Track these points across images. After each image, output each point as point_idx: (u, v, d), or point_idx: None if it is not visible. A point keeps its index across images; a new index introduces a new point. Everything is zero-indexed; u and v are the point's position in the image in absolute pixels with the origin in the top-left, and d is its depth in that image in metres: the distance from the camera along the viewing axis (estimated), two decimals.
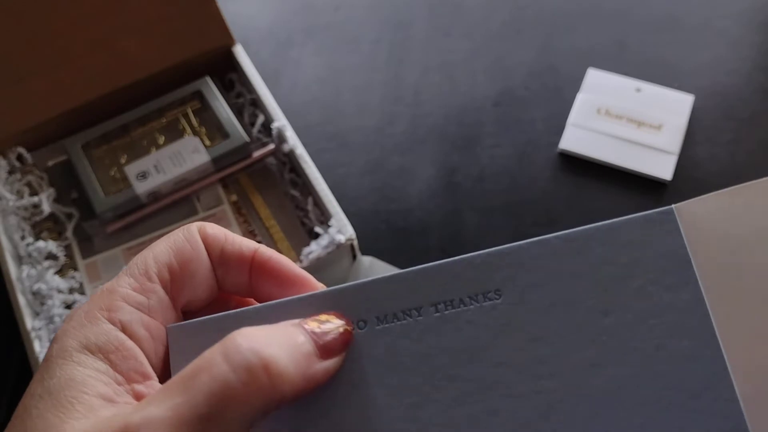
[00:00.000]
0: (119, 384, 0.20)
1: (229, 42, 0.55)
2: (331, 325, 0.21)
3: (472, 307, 0.19)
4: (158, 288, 0.22)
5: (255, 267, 0.23)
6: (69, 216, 0.51)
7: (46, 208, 0.50)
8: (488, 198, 0.53)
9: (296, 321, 0.21)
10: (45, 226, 0.50)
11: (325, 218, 0.48)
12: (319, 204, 0.49)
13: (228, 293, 0.25)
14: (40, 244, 0.48)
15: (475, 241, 0.51)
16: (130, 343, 0.21)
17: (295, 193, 0.51)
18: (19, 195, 0.51)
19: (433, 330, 0.19)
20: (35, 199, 0.50)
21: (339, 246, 0.45)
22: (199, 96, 0.54)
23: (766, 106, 0.56)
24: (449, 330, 0.19)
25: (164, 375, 0.22)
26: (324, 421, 0.19)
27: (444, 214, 0.53)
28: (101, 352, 0.20)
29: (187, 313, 0.24)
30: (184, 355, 0.21)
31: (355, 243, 0.47)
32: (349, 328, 0.21)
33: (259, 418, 0.19)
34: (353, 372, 0.20)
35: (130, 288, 0.22)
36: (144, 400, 0.19)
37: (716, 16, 0.61)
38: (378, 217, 0.53)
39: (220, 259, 0.23)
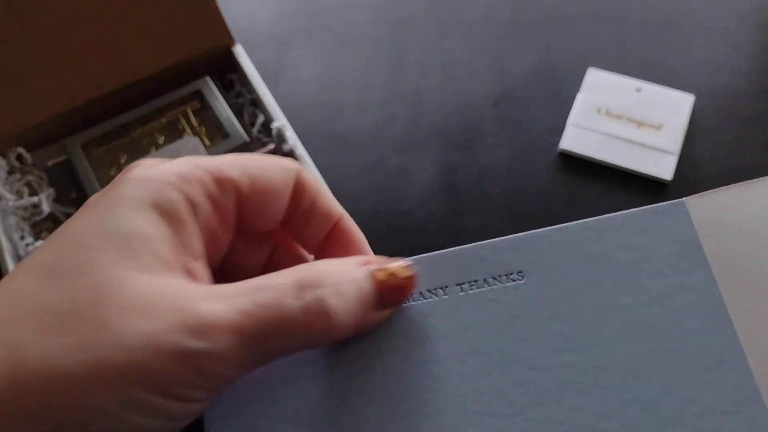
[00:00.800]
0: (180, 254, 0.20)
1: (229, 42, 0.55)
2: (396, 278, 0.21)
3: (495, 287, 0.20)
4: (232, 193, 0.22)
5: (334, 231, 0.24)
6: (69, 216, 0.51)
7: (46, 208, 0.50)
8: (488, 198, 0.53)
9: (367, 266, 0.21)
10: (45, 226, 0.50)
11: None
12: None
13: (289, 240, 0.25)
14: (40, 244, 0.48)
15: (475, 241, 0.51)
16: (194, 220, 0.20)
17: None
18: (19, 195, 0.51)
19: (458, 307, 0.20)
20: (35, 199, 0.50)
21: None
22: (199, 96, 0.54)
23: (766, 107, 0.56)
24: (473, 308, 0.20)
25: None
26: (346, 391, 0.20)
27: (444, 214, 0.53)
28: (169, 217, 0.20)
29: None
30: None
31: None
32: (412, 281, 0.21)
33: (309, 348, 0.20)
34: (381, 346, 0.20)
35: (210, 173, 0.21)
36: (210, 288, 0.19)
37: (717, 16, 0.61)
38: (378, 217, 0.53)
39: (309, 209, 0.23)
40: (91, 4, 0.50)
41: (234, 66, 0.56)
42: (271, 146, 0.52)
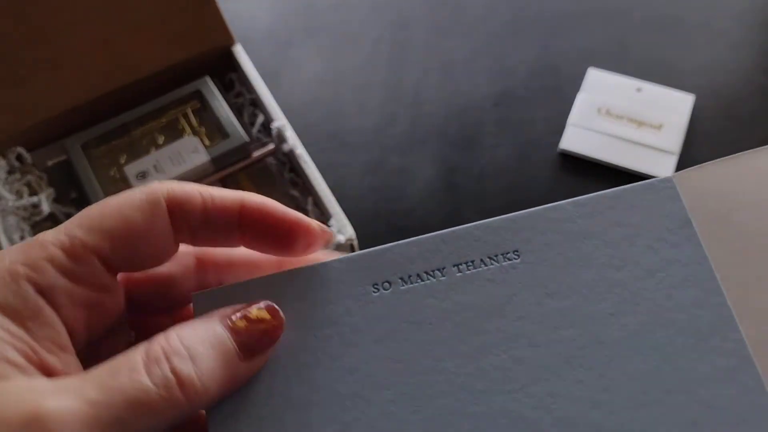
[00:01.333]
0: (33, 352, 0.18)
1: (229, 42, 0.55)
2: (260, 325, 0.20)
3: (492, 266, 0.21)
4: (92, 259, 0.20)
5: (245, 220, 0.22)
6: (68, 216, 0.51)
7: (46, 208, 0.50)
8: (488, 198, 0.53)
9: (224, 319, 0.20)
10: (44, 226, 0.50)
11: (325, 218, 0.48)
12: (319, 204, 0.49)
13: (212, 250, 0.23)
14: None
15: None
16: (49, 310, 0.19)
17: (295, 193, 0.51)
18: (19, 195, 0.51)
19: (456, 288, 0.21)
20: (35, 199, 0.50)
21: (339, 246, 0.45)
22: (198, 96, 0.54)
23: (766, 107, 0.56)
24: (471, 288, 0.21)
25: (85, 344, 0.21)
26: (350, 377, 0.20)
27: (444, 214, 0.53)
28: (17, 315, 0.19)
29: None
30: None
31: (356, 243, 0.46)
32: (277, 323, 0.21)
33: (177, 424, 0.19)
34: (380, 330, 0.20)
35: (61, 248, 0.20)
36: (60, 382, 0.18)
37: (717, 16, 0.61)
38: (378, 217, 0.53)
39: (203, 221, 0.21)
40: (91, 4, 0.50)
41: (234, 66, 0.56)
42: (271, 146, 0.52)
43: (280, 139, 0.51)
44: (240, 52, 0.55)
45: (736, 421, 0.18)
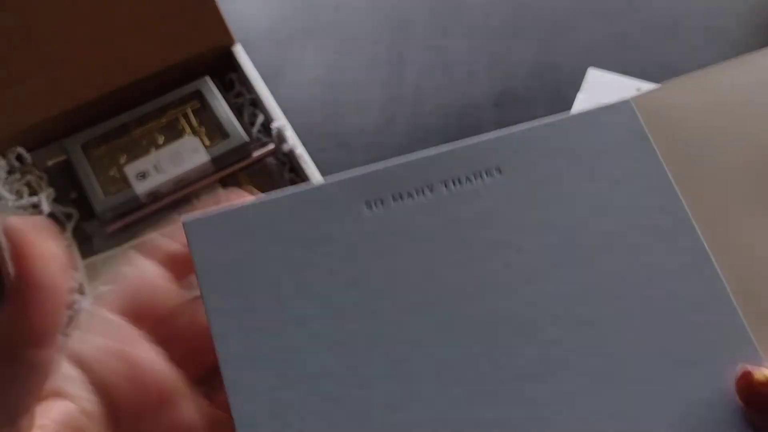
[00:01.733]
0: None
1: (229, 41, 0.55)
2: None
3: (477, 182, 0.22)
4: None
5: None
6: (68, 216, 0.51)
7: (46, 208, 0.50)
8: None
9: None
10: None
11: None
12: None
13: None
14: None
15: None
16: None
17: None
18: (19, 195, 0.51)
19: (445, 203, 0.22)
20: (34, 199, 0.50)
21: None
22: (198, 96, 0.54)
23: None
24: (459, 202, 0.22)
25: None
26: (352, 291, 0.21)
27: None
28: None
29: None
30: (207, 252, 0.21)
31: None
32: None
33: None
34: (376, 245, 0.22)
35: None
36: None
37: (717, 16, 0.61)
38: None
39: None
40: (91, 4, 0.50)
41: (234, 66, 0.56)
42: (271, 146, 0.52)
43: (280, 139, 0.51)
44: (240, 52, 0.55)
45: (697, 309, 0.21)
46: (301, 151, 0.50)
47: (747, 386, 0.18)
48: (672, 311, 0.21)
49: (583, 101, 0.56)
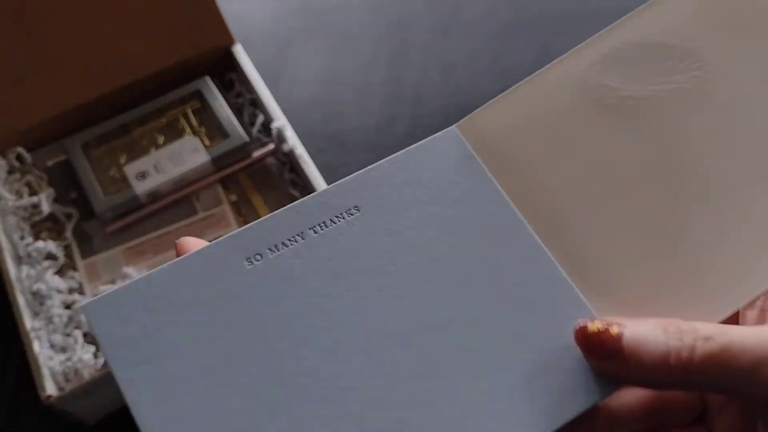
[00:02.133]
0: None
1: (229, 41, 0.55)
2: None
3: (340, 222, 0.26)
4: None
5: None
6: (68, 216, 0.51)
7: (46, 208, 0.50)
8: None
9: None
10: (44, 226, 0.50)
11: None
12: None
13: None
14: (40, 244, 0.48)
15: None
16: None
17: (295, 193, 0.51)
18: (19, 195, 0.51)
19: (316, 246, 0.25)
20: (34, 199, 0.50)
21: None
22: (198, 96, 0.54)
23: None
24: (328, 242, 0.25)
25: None
26: (248, 338, 0.24)
27: None
28: None
29: None
30: (109, 329, 0.23)
31: None
32: None
33: None
34: (262, 294, 0.24)
35: None
36: None
37: None
38: None
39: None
40: (91, 4, 0.50)
41: (234, 66, 0.56)
42: (271, 146, 0.52)
43: (280, 139, 0.51)
44: (240, 52, 0.55)
45: (539, 291, 0.24)
46: (301, 151, 0.50)
47: (584, 336, 0.23)
48: (519, 296, 0.24)
49: None
